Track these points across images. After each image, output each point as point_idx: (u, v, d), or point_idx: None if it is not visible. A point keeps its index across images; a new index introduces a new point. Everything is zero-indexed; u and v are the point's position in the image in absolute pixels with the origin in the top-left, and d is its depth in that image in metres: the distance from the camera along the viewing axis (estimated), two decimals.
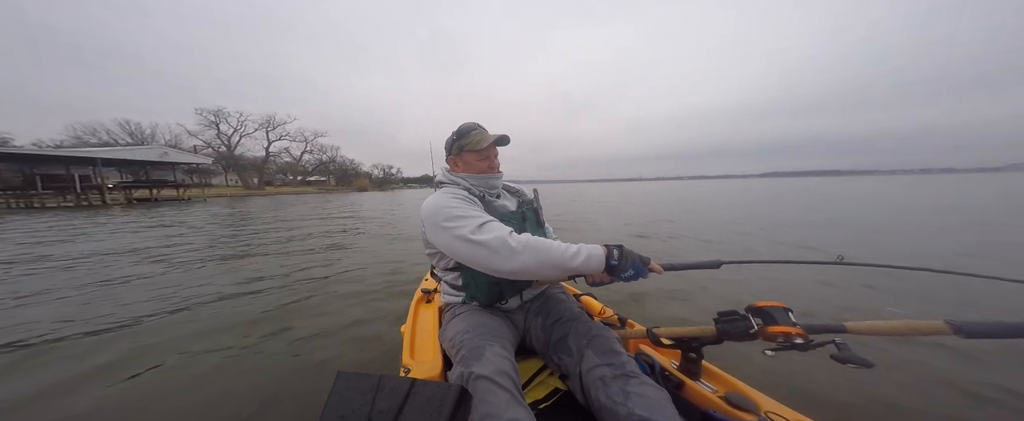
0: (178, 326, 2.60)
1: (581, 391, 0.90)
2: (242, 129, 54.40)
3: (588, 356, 0.92)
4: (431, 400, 0.55)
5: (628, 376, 0.84)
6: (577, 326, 1.02)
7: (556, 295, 1.22)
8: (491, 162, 1.20)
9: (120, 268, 4.56)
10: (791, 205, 12.36)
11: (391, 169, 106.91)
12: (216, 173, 54.57)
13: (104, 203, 23.50)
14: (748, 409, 0.86)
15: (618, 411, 0.77)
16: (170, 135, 49.04)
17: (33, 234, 8.14)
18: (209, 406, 1.64)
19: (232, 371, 1.94)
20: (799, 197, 16.97)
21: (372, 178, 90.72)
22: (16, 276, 4.22)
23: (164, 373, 1.95)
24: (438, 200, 1.05)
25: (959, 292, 2.93)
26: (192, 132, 50.15)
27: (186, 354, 2.16)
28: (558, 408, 1.02)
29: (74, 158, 24.74)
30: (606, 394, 0.82)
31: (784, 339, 0.79)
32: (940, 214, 8.64)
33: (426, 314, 1.48)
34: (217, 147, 52.00)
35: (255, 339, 2.33)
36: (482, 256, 0.90)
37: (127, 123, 46.51)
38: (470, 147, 1.16)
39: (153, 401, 1.70)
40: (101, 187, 24.50)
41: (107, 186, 25.18)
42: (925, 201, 12.71)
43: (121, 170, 32.41)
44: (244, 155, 56.29)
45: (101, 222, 10.91)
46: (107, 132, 44.90)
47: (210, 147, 51.01)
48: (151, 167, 31.00)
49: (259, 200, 28.23)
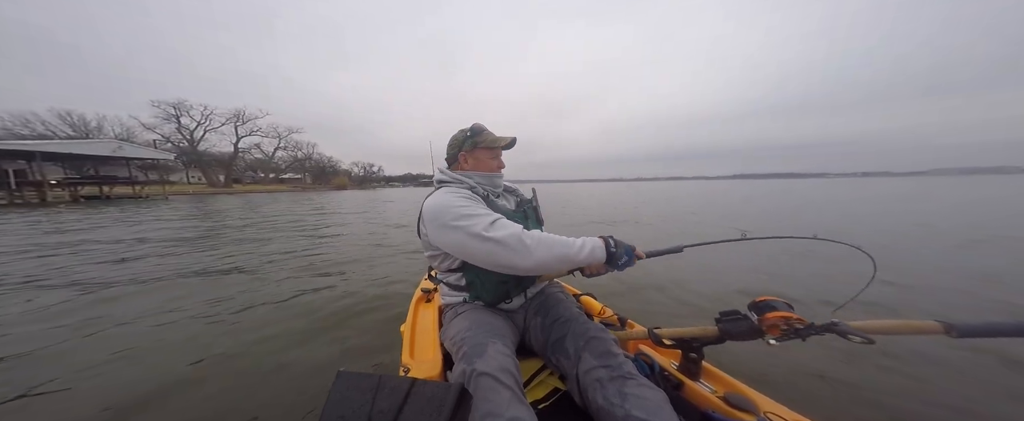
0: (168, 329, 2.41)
1: (578, 393, 0.90)
2: (207, 123, 50.42)
3: (585, 358, 0.91)
4: (431, 400, 0.55)
5: (625, 378, 0.83)
6: (574, 327, 1.02)
7: (555, 295, 1.21)
8: (500, 161, 1.24)
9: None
10: (769, 203, 13.38)
11: (372, 167, 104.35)
12: (176, 169, 50.43)
13: (44, 201, 20.82)
14: (747, 409, 0.86)
15: (615, 413, 0.77)
16: (121, 128, 44.22)
17: None
18: (209, 405, 1.60)
19: (233, 370, 1.89)
20: (773, 197, 18.22)
21: (351, 176, 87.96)
22: None
23: (165, 373, 1.86)
24: (443, 199, 1.04)
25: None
26: (147, 125, 45.76)
27: (181, 356, 2.04)
28: (558, 408, 1.02)
29: (7, 151, 21.72)
30: (603, 396, 0.82)
31: (785, 325, 0.81)
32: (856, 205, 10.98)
33: (426, 314, 1.47)
34: (177, 142, 47.93)
35: (255, 339, 2.25)
36: (498, 253, 0.91)
37: (68, 114, 40.63)
38: (485, 144, 1.18)
39: (151, 402, 1.62)
40: (40, 183, 21.71)
41: (49, 182, 22.37)
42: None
43: (65, 166, 29.03)
44: (209, 151, 52.20)
45: (33, 220, 9.60)
46: (44, 123, 38.81)
47: (169, 142, 46.90)
48: (101, 163, 27.93)
49: (228, 199, 26.29)
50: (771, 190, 28.99)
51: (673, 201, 16.13)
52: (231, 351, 2.09)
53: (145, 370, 1.90)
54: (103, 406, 1.59)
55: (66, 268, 4.19)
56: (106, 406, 1.59)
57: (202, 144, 50.42)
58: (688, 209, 11.73)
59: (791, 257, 4.10)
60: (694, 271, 3.60)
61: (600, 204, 15.28)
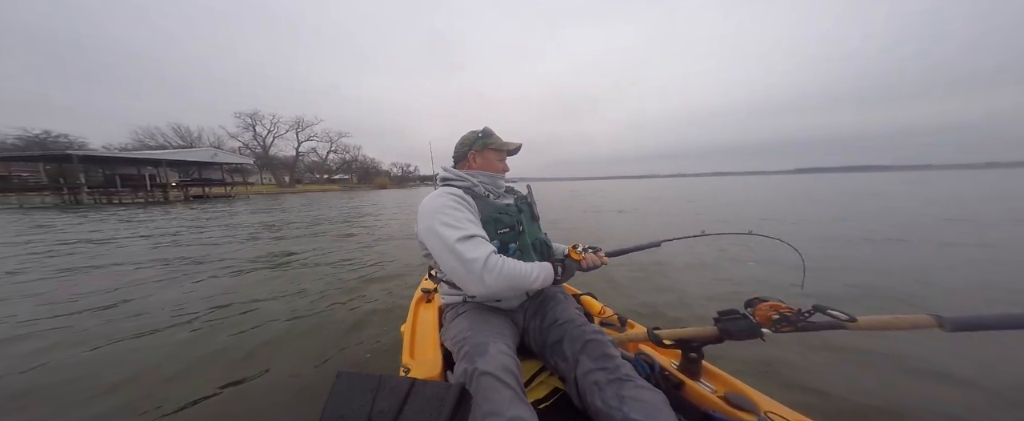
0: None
1: (577, 396, 0.91)
2: (275, 130, 59.36)
3: (582, 361, 0.92)
4: (431, 400, 0.56)
5: (623, 380, 0.84)
6: (572, 330, 1.02)
7: (555, 295, 1.22)
8: (505, 164, 1.31)
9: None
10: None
11: (408, 167, 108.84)
12: (252, 172, 59.65)
13: (167, 199, 26.69)
14: (748, 409, 0.87)
15: (614, 416, 0.78)
16: (214, 137, 54.50)
17: (164, 225, 9.65)
18: (208, 404, 1.66)
19: (233, 370, 1.95)
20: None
21: (391, 176, 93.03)
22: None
23: (163, 369, 1.98)
24: (436, 201, 1.06)
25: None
26: (232, 134, 55.55)
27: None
28: (557, 408, 1.03)
29: (144, 160, 29.05)
30: (601, 399, 0.82)
31: (776, 314, 0.87)
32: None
33: (426, 314, 1.50)
34: (254, 148, 57.06)
35: (256, 337, 2.39)
36: (458, 270, 0.95)
37: (179, 127, 52.87)
38: (495, 146, 1.26)
39: (150, 395, 1.74)
40: (165, 186, 28.55)
41: (170, 184, 29.28)
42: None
43: (178, 170, 37.00)
44: (277, 155, 61.31)
45: (218, 215, 12.41)
46: (162, 135, 51.45)
47: (247, 148, 56.09)
48: (202, 167, 35.24)
49: (292, 197, 30.96)
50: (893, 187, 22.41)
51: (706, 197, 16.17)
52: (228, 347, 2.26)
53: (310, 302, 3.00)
54: (292, 316, 2.71)
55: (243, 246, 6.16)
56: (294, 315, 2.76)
57: (271, 149, 59.48)
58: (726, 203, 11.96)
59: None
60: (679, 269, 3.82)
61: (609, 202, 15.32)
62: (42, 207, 19.43)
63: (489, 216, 1.13)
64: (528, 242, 1.19)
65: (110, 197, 26.34)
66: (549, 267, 1.06)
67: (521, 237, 1.17)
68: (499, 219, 1.14)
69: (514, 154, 1.35)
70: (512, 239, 1.15)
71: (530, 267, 1.02)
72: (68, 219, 11.75)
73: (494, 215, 1.14)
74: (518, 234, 1.17)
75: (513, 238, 1.15)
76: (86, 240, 7.06)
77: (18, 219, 12.11)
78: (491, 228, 1.12)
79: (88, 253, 5.71)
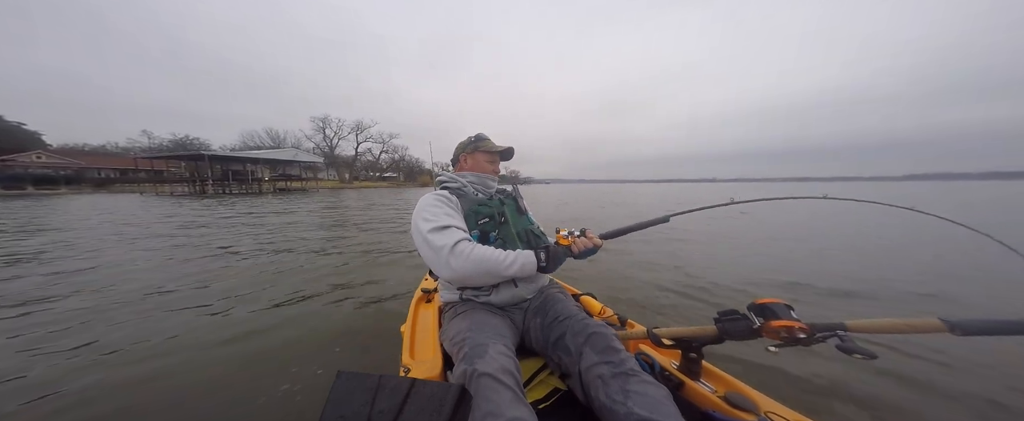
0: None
1: (581, 390, 0.91)
2: (339, 132, 69.62)
3: (586, 354, 0.92)
4: (431, 400, 0.56)
5: (628, 374, 0.84)
6: (574, 324, 1.02)
7: (554, 295, 1.22)
8: (496, 166, 1.38)
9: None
10: None
11: (448, 166, 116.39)
12: (320, 169, 70.07)
13: (261, 192, 32.47)
14: (748, 409, 0.87)
15: (618, 410, 0.78)
16: (294, 138, 66.31)
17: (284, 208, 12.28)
18: (208, 403, 1.64)
19: (231, 369, 1.94)
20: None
21: (433, 175, 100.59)
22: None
23: (162, 362, 1.99)
24: (421, 202, 1.16)
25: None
26: (308, 136, 66.87)
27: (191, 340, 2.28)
28: (558, 408, 1.04)
29: (249, 158, 37.98)
30: (606, 393, 0.82)
31: (787, 333, 0.81)
32: None
33: (426, 314, 1.51)
34: (323, 148, 67.70)
35: (255, 337, 2.35)
36: (429, 256, 1.03)
37: (270, 130, 66.02)
38: (484, 149, 1.34)
39: (153, 388, 1.74)
40: (261, 180, 36.86)
41: (264, 179, 37.70)
42: None
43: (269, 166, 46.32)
44: (339, 155, 71.55)
45: (300, 204, 14.85)
46: (258, 136, 65.09)
47: (318, 148, 66.90)
48: (285, 165, 43.63)
49: (350, 192, 35.51)
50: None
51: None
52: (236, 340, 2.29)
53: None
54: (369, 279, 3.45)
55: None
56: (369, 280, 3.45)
57: (336, 149, 69.95)
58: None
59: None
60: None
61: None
62: (184, 195, 24.37)
63: (470, 209, 1.21)
64: (513, 232, 1.23)
65: (225, 188, 34.57)
66: (530, 254, 1.06)
67: (503, 227, 1.22)
68: (479, 211, 1.21)
69: (507, 158, 1.43)
70: (492, 229, 1.20)
71: (505, 254, 1.04)
72: (214, 205, 13.58)
73: (474, 208, 1.22)
74: (499, 224, 1.22)
75: (493, 228, 1.20)
76: (242, 222, 8.60)
77: (191, 203, 15.11)
78: (471, 220, 1.19)
79: (270, 225, 7.87)
